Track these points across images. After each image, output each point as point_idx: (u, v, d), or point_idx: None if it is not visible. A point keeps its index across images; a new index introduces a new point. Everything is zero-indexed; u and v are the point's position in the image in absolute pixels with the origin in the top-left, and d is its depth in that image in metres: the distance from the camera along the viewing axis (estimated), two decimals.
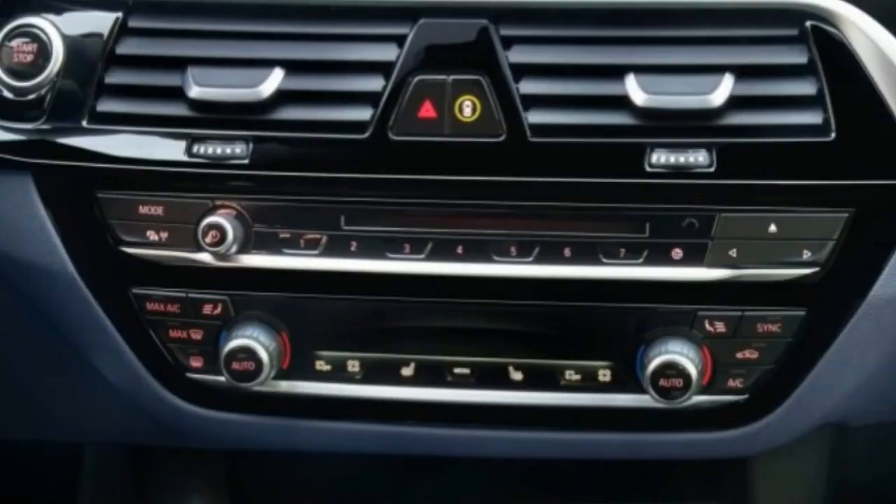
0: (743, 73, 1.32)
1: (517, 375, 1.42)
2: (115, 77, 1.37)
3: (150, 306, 1.42)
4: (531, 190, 1.35)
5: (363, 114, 1.33)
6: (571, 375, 1.41)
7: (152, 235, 1.38)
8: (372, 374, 1.43)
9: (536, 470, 1.76)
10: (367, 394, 1.44)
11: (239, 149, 1.34)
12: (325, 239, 1.37)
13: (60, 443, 1.89)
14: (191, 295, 1.41)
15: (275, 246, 1.38)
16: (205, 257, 1.37)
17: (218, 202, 1.37)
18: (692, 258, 1.35)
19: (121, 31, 1.37)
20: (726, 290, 1.36)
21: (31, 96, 1.37)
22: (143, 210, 1.38)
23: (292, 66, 1.35)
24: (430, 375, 1.43)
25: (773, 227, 1.34)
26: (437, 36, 1.33)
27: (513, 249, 1.36)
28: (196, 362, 1.43)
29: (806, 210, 1.34)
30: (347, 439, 1.49)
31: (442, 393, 1.43)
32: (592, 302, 1.39)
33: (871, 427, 1.59)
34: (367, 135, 1.33)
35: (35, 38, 1.37)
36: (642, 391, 1.38)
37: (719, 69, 1.31)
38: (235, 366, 1.38)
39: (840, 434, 1.75)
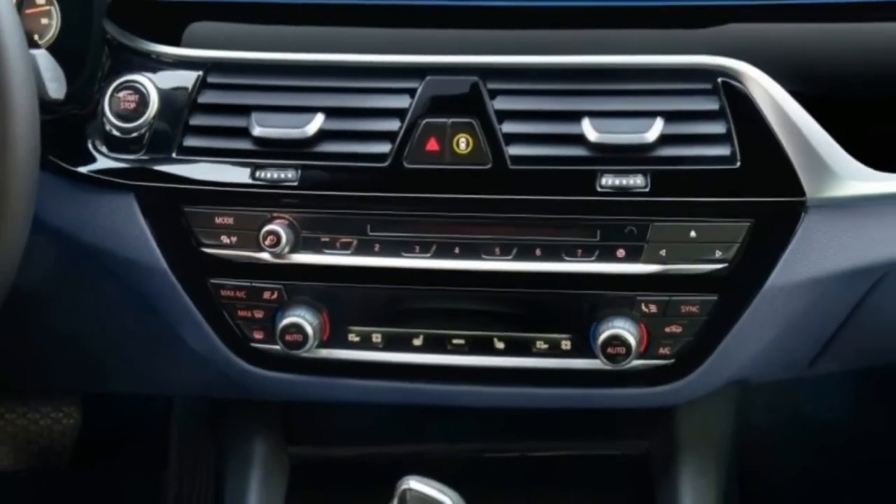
0: (670, 116, 1.41)
1: (500, 345, 1.52)
2: (197, 120, 1.47)
3: (223, 293, 1.52)
4: (510, 205, 1.44)
5: (384, 148, 1.44)
6: (541, 345, 1.51)
7: (225, 239, 1.49)
8: (391, 343, 1.53)
9: (511, 417, 1.87)
10: (387, 359, 1.53)
11: (290, 174, 1.45)
12: (355, 242, 1.47)
13: (156, 395, 2.07)
14: (254, 284, 1.51)
15: (318, 247, 1.47)
16: (264, 256, 1.48)
17: (274, 214, 1.47)
18: (632, 256, 1.44)
19: (202, 85, 1.47)
20: (658, 281, 1.46)
21: (134, 134, 1.47)
22: (218, 220, 1.48)
23: (331, 112, 1.44)
24: (434, 345, 1.52)
25: (693, 233, 1.44)
26: (440, 89, 1.43)
27: (497, 250, 1.47)
28: (258, 335, 1.54)
29: (718, 220, 1.44)
30: (372, 393, 1.58)
31: (443, 358, 1.53)
32: (557, 290, 1.48)
33: (768, 384, 1.74)
34: (387, 164, 1.44)
35: (137, 90, 1.47)
36: (594, 357, 1.48)
37: (652, 114, 1.41)
38: (288, 338, 1.49)
39: (743, 389, 1.92)
